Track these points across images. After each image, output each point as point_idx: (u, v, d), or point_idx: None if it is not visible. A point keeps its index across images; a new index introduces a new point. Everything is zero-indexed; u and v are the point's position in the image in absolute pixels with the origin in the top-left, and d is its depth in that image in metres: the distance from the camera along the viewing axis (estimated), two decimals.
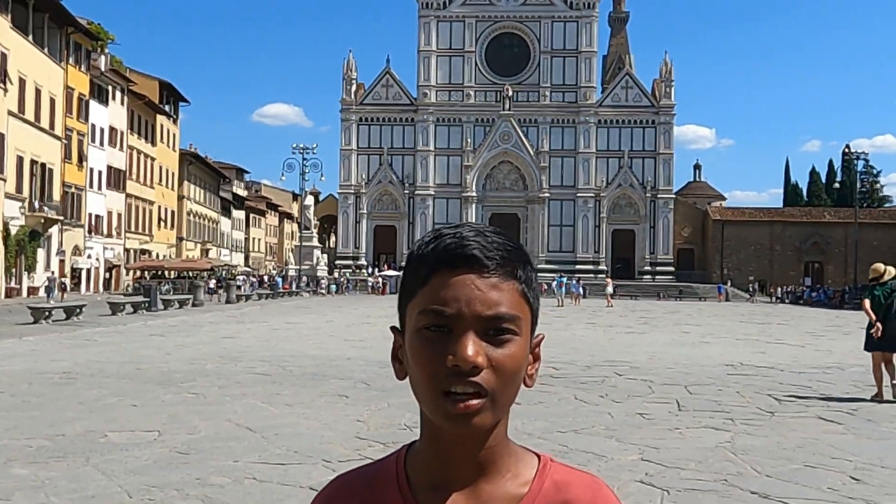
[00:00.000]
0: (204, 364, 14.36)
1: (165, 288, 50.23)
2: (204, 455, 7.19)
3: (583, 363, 15.43)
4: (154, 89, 68.90)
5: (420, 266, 1.09)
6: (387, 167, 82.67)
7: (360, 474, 1.17)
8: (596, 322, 31.41)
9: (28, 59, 45.01)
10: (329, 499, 1.16)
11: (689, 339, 22.96)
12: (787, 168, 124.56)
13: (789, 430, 8.83)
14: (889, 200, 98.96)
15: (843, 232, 77.20)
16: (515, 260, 1.09)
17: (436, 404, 1.04)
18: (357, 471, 1.18)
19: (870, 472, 6.88)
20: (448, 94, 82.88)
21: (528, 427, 8.65)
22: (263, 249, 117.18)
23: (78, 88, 53.02)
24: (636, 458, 7.30)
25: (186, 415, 9.20)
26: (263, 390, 11.24)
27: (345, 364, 14.53)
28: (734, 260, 79.91)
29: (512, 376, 1.06)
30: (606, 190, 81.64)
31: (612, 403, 10.54)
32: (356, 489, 1.15)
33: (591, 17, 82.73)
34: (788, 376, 13.76)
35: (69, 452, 7.23)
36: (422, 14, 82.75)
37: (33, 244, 45.63)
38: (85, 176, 54.90)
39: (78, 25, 51.26)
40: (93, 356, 15.44)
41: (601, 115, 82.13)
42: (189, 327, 24.62)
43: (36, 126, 46.48)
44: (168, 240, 73.36)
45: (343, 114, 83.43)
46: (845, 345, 21.19)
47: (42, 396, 10.49)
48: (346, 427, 8.60)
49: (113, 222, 60.75)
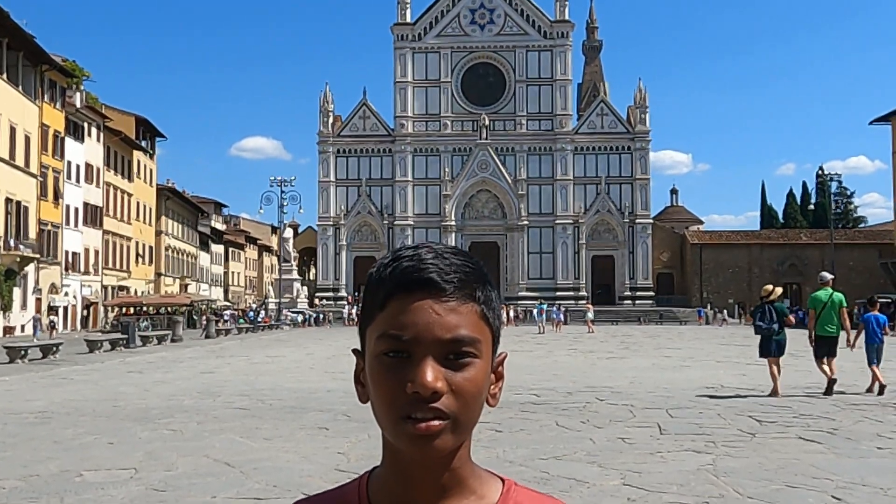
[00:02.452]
0: (182, 400, 14.20)
1: (144, 324, 49.87)
2: (181, 492, 7.09)
3: (564, 389, 15.40)
4: (130, 125, 68.79)
5: (378, 290, 1.08)
6: (365, 198, 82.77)
7: (321, 499, 1.15)
8: (577, 348, 31.40)
9: (2, 97, 44.87)
10: None
11: (669, 362, 22.99)
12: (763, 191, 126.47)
13: (770, 450, 8.83)
14: (864, 221, 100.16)
15: (819, 253, 77.93)
16: (474, 281, 1.08)
17: (396, 429, 1.03)
18: (319, 496, 1.16)
19: (851, 491, 6.88)
20: (425, 124, 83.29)
21: (510, 455, 8.60)
22: (243, 283, 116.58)
23: (53, 126, 52.85)
24: (618, 483, 7.26)
25: (164, 451, 9.07)
26: (242, 425, 11.12)
27: (325, 396, 14.42)
28: (713, 283, 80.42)
29: (473, 399, 1.05)
30: (585, 216, 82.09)
31: (593, 429, 10.51)
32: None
33: (566, 46, 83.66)
34: (769, 398, 13.78)
35: (43, 493, 7.10)
36: (397, 46, 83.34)
37: (9, 283, 45.19)
38: (61, 213, 54.57)
39: (53, 63, 51.20)
40: (69, 395, 15.23)
41: (577, 142, 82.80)
42: (167, 363, 24.38)
43: (11, 164, 46.22)
44: (146, 275, 72.86)
45: (321, 146, 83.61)
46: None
47: (16, 436, 10.32)
48: (326, 459, 8.51)
49: (90, 259, 60.32)
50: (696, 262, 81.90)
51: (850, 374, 16.25)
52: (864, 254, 78.34)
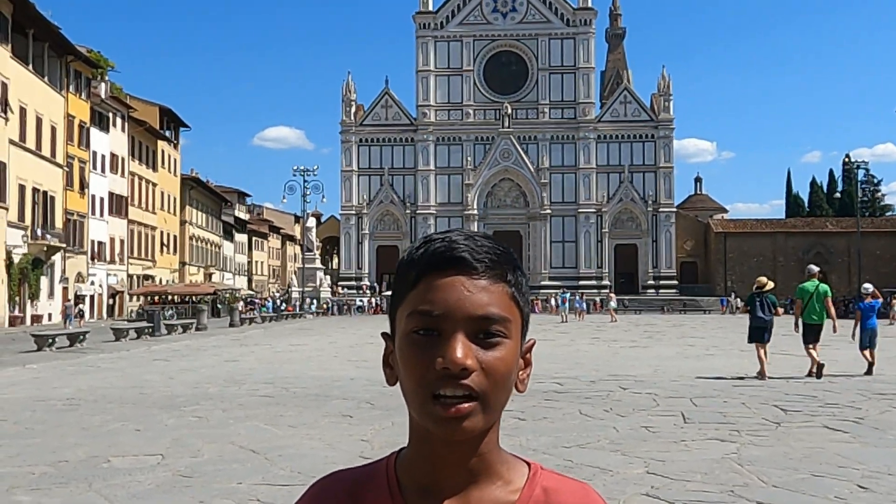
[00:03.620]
0: (207, 387, 14.32)
1: (169, 313, 50.31)
2: (207, 478, 7.16)
3: (587, 378, 15.38)
4: (154, 115, 69.25)
5: (409, 271, 1.08)
6: (388, 187, 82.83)
7: (349, 475, 1.16)
8: (600, 337, 31.32)
9: (28, 88, 45.27)
10: (320, 491, 1.15)
11: (693, 351, 22.88)
12: (788, 179, 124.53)
13: (795, 440, 8.78)
14: (891, 209, 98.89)
15: (845, 241, 77.09)
16: (505, 263, 1.08)
17: (425, 408, 1.03)
18: (346, 471, 1.17)
19: (877, 481, 6.83)
20: (447, 113, 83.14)
21: (533, 443, 8.61)
22: (266, 272, 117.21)
23: (78, 116, 53.29)
24: (642, 472, 7.25)
25: (189, 438, 9.16)
26: (267, 412, 11.20)
27: (348, 384, 14.49)
28: (737, 272, 79.77)
29: (503, 380, 1.04)
30: (608, 205, 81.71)
31: (616, 417, 10.49)
32: (346, 486, 1.14)
33: (588, 34, 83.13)
34: (794, 386, 13.70)
35: (72, 478, 7.19)
36: (419, 34, 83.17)
37: (36, 272, 45.70)
38: (87, 203, 55.08)
39: (78, 54, 51.58)
40: (96, 382, 15.41)
41: (600, 130, 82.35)
42: (192, 351, 24.59)
43: (37, 154, 46.68)
44: (171, 265, 73.45)
45: (343, 135, 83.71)
46: (849, 353, 21.10)
47: (45, 423, 10.46)
48: (350, 447, 8.56)
49: (116, 248, 60.86)
50: (720, 250, 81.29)
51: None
52: (890, 242, 77.45)
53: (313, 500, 1.15)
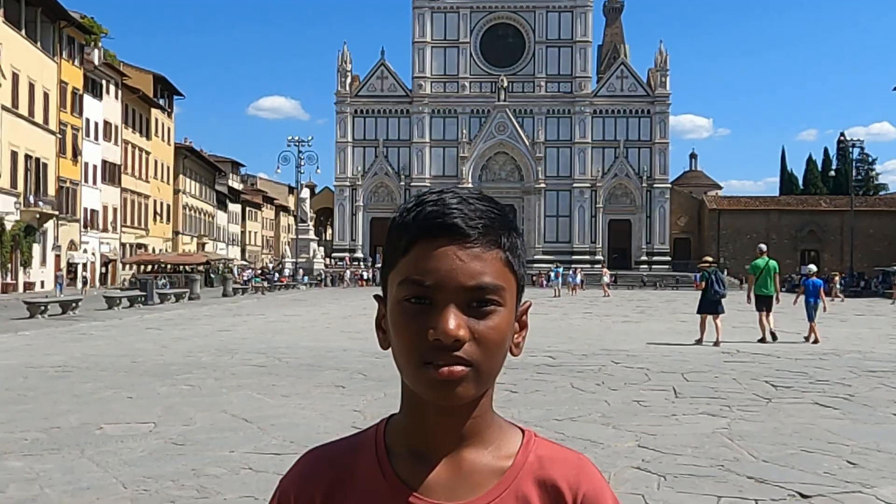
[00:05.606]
0: (200, 356, 14.33)
1: (162, 282, 50.25)
2: (199, 446, 7.18)
3: (579, 352, 15.43)
4: (148, 83, 68.76)
5: (401, 234, 1.06)
6: (382, 159, 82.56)
7: (338, 444, 1.16)
8: (592, 311, 31.41)
9: (21, 53, 44.86)
10: (306, 465, 1.14)
11: (685, 327, 22.92)
12: (783, 157, 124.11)
13: (786, 415, 8.83)
14: (885, 188, 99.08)
15: (839, 220, 77.27)
16: (499, 227, 1.06)
17: (417, 374, 1.02)
18: (335, 442, 1.17)
19: (866, 457, 6.88)
20: (443, 85, 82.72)
21: (525, 415, 8.64)
22: (260, 243, 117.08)
23: (71, 83, 52.89)
24: (633, 445, 7.29)
25: (182, 406, 9.18)
26: (259, 382, 11.22)
27: (341, 355, 14.52)
28: (730, 249, 79.93)
29: (496, 348, 1.03)
30: (602, 180, 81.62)
31: (608, 391, 10.54)
32: (333, 457, 1.13)
33: (586, 7, 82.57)
34: (785, 363, 13.77)
35: (64, 445, 7.20)
36: (416, 5, 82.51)
37: (29, 239, 45.56)
38: (80, 170, 54.82)
39: (71, 19, 51.08)
40: (88, 350, 15.41)
41: (596, 105, 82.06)
42: (185, 320, 24.59)
43: (30, 121, 46.36)
44: (164, 234, 73.29)
45: (338, 106, 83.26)
46: (840, 331, 21.24)
47: (37, 390, 10.46)
48: (342, 417, 8.58)
49: (108, 217, 60.68)
50: (714, 227, 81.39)
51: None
52: (884, 221, 77.62)
53: (300, 473, 1.14)
